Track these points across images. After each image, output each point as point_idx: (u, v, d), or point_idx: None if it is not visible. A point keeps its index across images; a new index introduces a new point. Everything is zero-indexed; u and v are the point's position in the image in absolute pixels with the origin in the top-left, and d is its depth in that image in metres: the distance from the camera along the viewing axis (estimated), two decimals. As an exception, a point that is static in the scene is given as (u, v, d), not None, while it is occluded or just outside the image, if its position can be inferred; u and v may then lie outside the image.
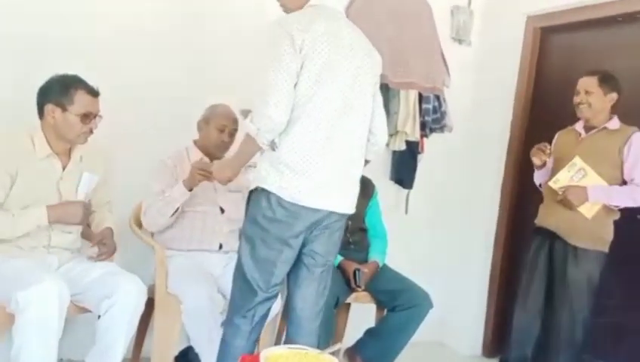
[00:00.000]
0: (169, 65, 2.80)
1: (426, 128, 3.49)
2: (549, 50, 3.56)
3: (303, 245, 2.03)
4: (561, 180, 2.71)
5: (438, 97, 3.47)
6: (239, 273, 2.03)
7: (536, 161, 2.84)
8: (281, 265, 2.00)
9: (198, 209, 2.52)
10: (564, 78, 3.31)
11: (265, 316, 2.08)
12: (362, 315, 3.02)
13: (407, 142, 3.44)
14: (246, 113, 2.49)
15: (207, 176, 2.38)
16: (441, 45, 3.50)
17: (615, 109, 2.80)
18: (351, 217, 2.94)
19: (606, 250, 2.71)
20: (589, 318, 2.71)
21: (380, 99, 2.18)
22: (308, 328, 2.11)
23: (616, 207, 2.70)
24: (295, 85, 1.88)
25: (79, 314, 2.19)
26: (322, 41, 1.91)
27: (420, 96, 3.43)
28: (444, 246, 3.76)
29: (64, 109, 2.13)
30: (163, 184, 2.49)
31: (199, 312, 2.23)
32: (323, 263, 2.10)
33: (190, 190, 2.43)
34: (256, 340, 2.09)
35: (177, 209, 2.45)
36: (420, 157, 3.59)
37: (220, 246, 2.55)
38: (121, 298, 2.09)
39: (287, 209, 1.92)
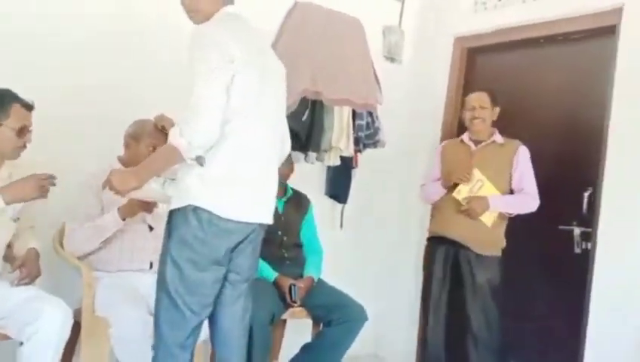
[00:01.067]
0: (95, 80, 2.71)
1: (359, 144, 3.54)
2: (476, 69, 3.71)
3: (228, 262, 1.97)
4: (463, 191, 2.86)
5: (371, 114, 3.53)
6: (167, 300, 1.90)
7: (461, 181, 2.89)
8: (213, 285, 1.94)
9: (126, 228, 2.43)
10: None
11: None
12: (298, 331, 3.01)
13: (342, 158, 3.48)
14: (160, 119, 2.46)
15: (148, 209, 2.32)
16: (373, 64, 3.57)
17: (496, 123, 3.03)
18: (286, 233, 2.99)
19: (500, 254, 2.91)
20: (499, 319, 2.86)
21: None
22: (238, 346, 2.07)
23: (510, 214, 2.91)
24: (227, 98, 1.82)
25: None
26: (252, 53, 1.89)
27: (354, 112, 3.48)
28: (379, 260, 3.81)
29: None
30: (88, 207, 2.40)
31: (130, 336, 2.15)
32: (247, 278, 2.06)
33: (124, 219, 2.37)
34: None
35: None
36: (354, 172, 3.65)
37: (151, 266, 2.47)
38: (44, 323, 1.98)
39: (219, 226, 1.87)
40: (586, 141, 3.05)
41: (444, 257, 2.95)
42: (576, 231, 3.00)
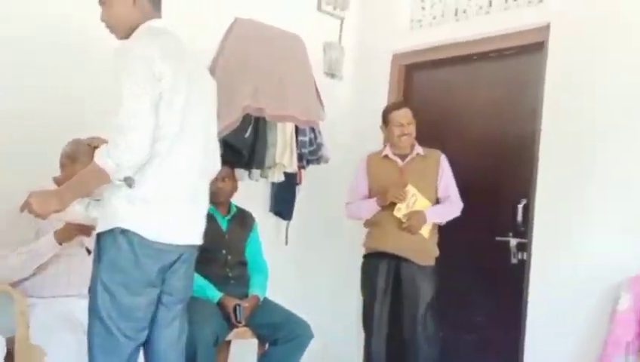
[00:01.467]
0: (27, 94, 2.62)
1: (303, 160, 3.56)
2: (414, 85, 3.81)
3: (161, 283, 1.93)
4: (402, 208, 2.90)
5: (313, 130, 3.56)
6: (100, 327, 1.84)
7: (398, 201, 2.92)
8: (147, 308, 1.89)
9: (62, 252, 2.35)
10: (428, 110, 3.55)
11: None
12: (244, 352, 2.98)
13: (286, 174, 3.49)
14: (91, 141, 2.36)
15: (86, 232, 2.26)
16: (315, 80, 3.61)
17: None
18: (231, 251, 2.96)
19: (434, 263, 2.98)
20: (438, 330, 2.93)
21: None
22: None
23: (440, 223, 2.99)
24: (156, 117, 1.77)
25: None
26: (181, 70, 1.85)
27: (297, 128, 3.50)
28: (325, 276, 3.82)
29: None
30: (21, 231, 2.31)
31: (66, 364, 2.08)
32: (182, 299, 2.02)
33: (60, 244, 2.29)
34: None
35: None
36: (298, 188, 3.66)
37: (89, 290, 2.40)
38: (-26, 354, 1.90)
39: (151, 247, 1.83)
40: (520, 153, 3.17)
41: (386, 271, 2.98)
42: (512, 242, 3.11)
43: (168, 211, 1.86)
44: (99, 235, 1.85)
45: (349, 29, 3.94)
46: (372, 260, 3.05)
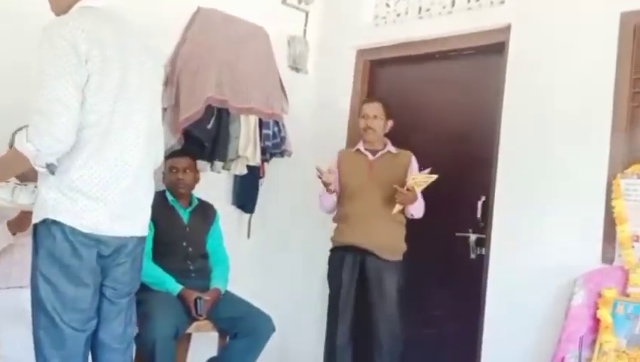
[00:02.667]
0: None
1: (266, 153, 3.55)
2: (378, 81, 3.83)
3: (104, 277, 1.87)
4: (418, 178, 2.89)
5: (277, 123, 3.55)
6: (45, 320, 1.77)
7: (329, 179, 2.95)
8: (92, 297, 1.83)
9: (16, 241, 2.29)
10: (391, 106, 3.57)
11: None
12: (204, 345, 2.94)
13: (249, 167, 3.47)
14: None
15: None
16: (279, 73, 3.59)
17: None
18: (192, 244, 2.92)
19: (402, 259, 3.02)
20: (402, 326, 2.96)
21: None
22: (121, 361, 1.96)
23: (412, 216, 3.03)
24: (82, 102, 1.70)
25: None
26: (114, 53, 1.77)
27: (260, 121, 3.48)
28: (286, 270, 3.81)
29: None
30: None
31: (21, 357, 2.02)
32: (128, 292, 1.96)
33: (14, 234, 2.21)
34: None
35: None
36: (261, 181, 3.64)
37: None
38: None
39: (86, 237, 1.76)
40: (480, 151, 3.22)
41: (351, 264, 2.99)
42: (472, 237, 3.16)
43: (101, 201, 1.78)
44: (35, 226, 1.79)
45: (314, 24, 3.93)
46: (338, 253, 3.07)
